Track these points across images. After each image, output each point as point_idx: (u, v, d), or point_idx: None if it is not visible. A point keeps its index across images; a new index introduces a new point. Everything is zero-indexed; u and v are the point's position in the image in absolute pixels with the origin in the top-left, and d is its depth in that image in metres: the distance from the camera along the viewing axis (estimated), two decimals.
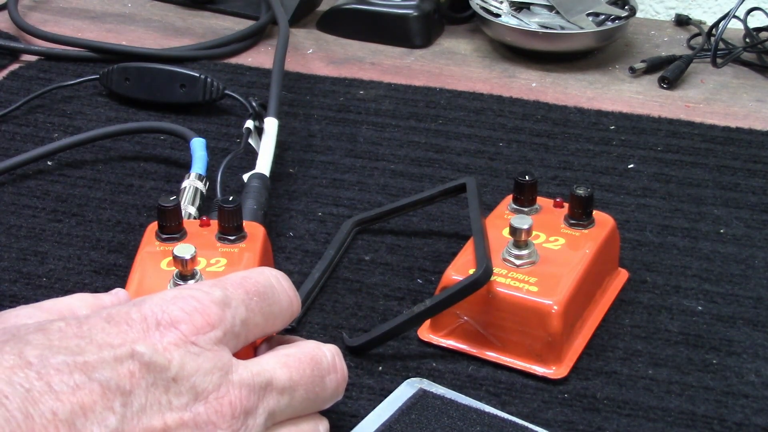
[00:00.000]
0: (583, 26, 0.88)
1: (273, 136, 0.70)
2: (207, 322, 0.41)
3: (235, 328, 0.42)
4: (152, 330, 0.39)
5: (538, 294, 0.52)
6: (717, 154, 0.73)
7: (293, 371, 0.43)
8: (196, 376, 0.39)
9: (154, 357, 0.38)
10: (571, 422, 0.50)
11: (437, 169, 0.72)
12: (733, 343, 0.55)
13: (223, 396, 0.40)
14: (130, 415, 0.37)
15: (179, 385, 0.39)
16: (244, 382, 0.41)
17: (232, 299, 0.42)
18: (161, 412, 0.38)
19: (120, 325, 0.39)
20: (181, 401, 0.39)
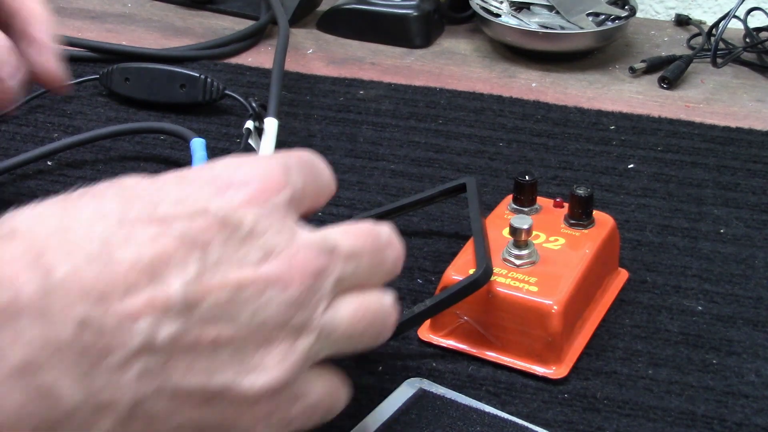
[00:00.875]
0: (583, 26, 0.88)
1: (273, 136, 0.70)
2: (275, 184, 0.41)
3: (296, 193, 0.42)
4: (224, 189, 0.39)
5: (538, 294, 0.52)
6: (717, 154, 0.73)
7: (356, 240, 0.43)
8: (267, 234, 0.39)
9: (227, 214, 0.38)
10: (571, 422, 0.50)
11: (437, 169, 0.72)
12: (733, 343, 0.55)
13: (294, 254, 0.39)
14: (207, 267, 0.37)
15: (252, 242, 0.39)
16: (313, 243, 0.40)
17: (292, 166, 0.43)
18: (236, 267, 0.38)
19: (192, 184, 0.40)
20: (255, 257, 0.38)
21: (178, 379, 0.36)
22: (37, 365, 0.33)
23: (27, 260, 0.34)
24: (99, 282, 0.35)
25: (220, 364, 0.37)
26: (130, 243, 0.36)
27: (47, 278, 0.34)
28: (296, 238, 0.40)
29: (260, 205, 0.40)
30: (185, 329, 0.36)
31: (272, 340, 0.38)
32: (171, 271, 0.36)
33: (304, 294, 0.39)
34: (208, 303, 0.37)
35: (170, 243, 0.37)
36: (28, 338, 0.33)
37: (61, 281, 0.34)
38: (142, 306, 0.35)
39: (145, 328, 0.35)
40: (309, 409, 0.41)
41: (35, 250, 0.34)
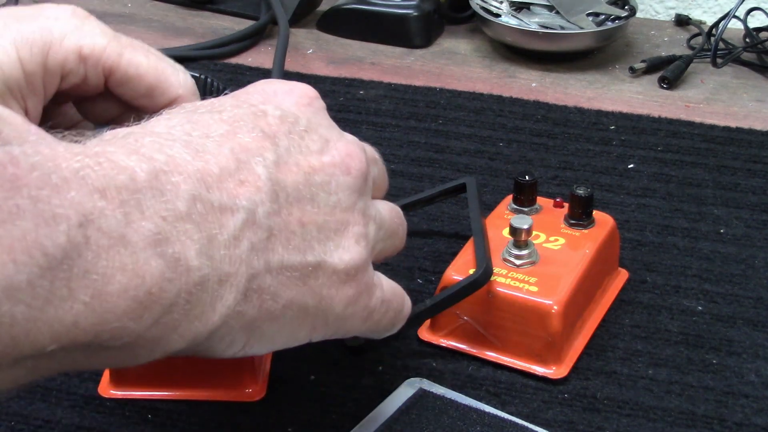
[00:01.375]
0: (583, 26, 0.88)
1: None
2: (311, 92, 0.46)
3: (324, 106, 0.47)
4: (272, 96, 0.45)
5: (538, 294, 0.52)
6: (717, 154, 0.73)
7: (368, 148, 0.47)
8: (321, 128, 0.44)
9: (284, 112, 0.43)
10: (571, 422, 0.50)
11: (437, 169, 0.72)
12: (733, 343, 0.55)
13: (345, 146, 0.44)
14: (280, 155, 0.41)
15: (310, 134, 0.43)
16: (355, 141, 0.45)
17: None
18: (303, 155, 0.42)
19: (241, 97, 0.44)
20: (316, 147, 0.43)
21: (280, 255, 0.40)
22: (165, 236, 0.35)
23: (128, 151, 0.37)
24: (194, 167, 0.38)
25: (310, 242, 0.41)
26: (209, 138, 0.40)
27: (152, 164, 0.37)
28: (342, 134, 0.45)
29: (307, 106, 0.45)
30: (277, 208, 0.40)
31: (347, 222, 0.42)
32: (252, 158, 0.40)
33: (360, 181, 0.43)
34: (289, 185, 0.41)
35: (244, 136, 0.41)
36: (153, 212, 0.36)
37: (163, 165, 0.37)
38: (237, 185, 0.39)
39: (246, 204, 0.38)
40: (384, 303, 0.45)
41: (132, 147, 0.37)
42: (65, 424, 0.50)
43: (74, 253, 0.32)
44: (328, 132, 0.44)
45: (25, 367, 0.33)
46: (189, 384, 0.51)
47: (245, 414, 0.50)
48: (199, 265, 0.36)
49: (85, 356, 0.35)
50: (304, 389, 0.52)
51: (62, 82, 0.49)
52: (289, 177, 0.41)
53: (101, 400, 0.51)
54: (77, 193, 0.33)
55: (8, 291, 0.31)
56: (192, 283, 0.36)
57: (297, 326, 0.41)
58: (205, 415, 0.50)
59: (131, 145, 0.37)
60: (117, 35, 0.49)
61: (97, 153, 0.36)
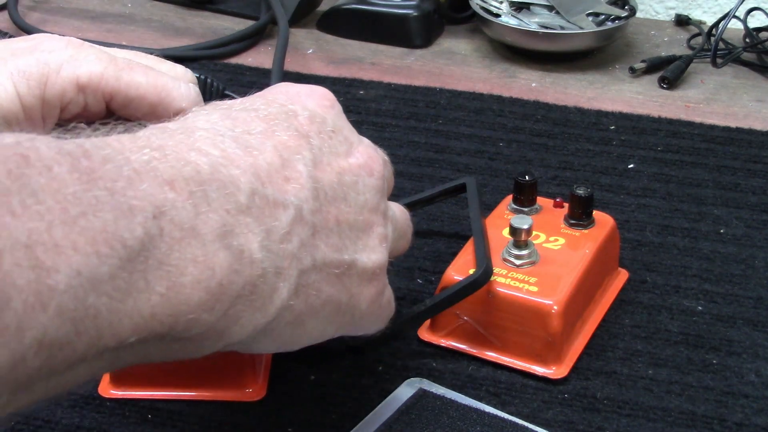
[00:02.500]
0: (583, 26, 0.88)
1: None
2: (330, 95, 0.47)
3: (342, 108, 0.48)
4: (296, 97, 0.46)
5: (538, 294, 0.52)
6: (717, 154, 0.73)
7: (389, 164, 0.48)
8: (345, 130, 0.45)
9: (312, 112, 0.44)
10: (571, 422, 0.50)
11: (437, 169, 0.72)
12: (733, 343, 0.55)
13: (366, 149, 0.45)
14: (315, 154, 0.42)
15: (337, 135, 0.44)
16: (371, 144, 0.46)
17: None
18: (335, 156, 0.43)
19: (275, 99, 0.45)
20: (342, 149, 0.44)
21: (323, 252, 0.41)
22: (230, 229, 0.36)
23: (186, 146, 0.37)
24: (247, 162, 0.39)
25: (344, 240, 0.42)
26: (251, 135, 0.40)
27: (210, 157, 0.37)
28: (360, 137, 0.46)
29: (329, 108, 0.46)
30: (318, 205, 0.41)
31: (372, 223, 0.44)
32: (293, 156, 0.41)
33: (381, 182, 0.45)
34: (326, 184, 0.42)
35: (282, 134, 0.41)
36: (218, 204, 0.36)
37: (220, 159, 0.38)
38: (284, 182, 0.40)
39: (294, 201, 0.39)
40: (389, 300, 0.46)
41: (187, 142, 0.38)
42: (65, 424, 0.50)
43: (150, 245, 0.33)
44: (350, 134, 0.45)
45: (106, 359, 0.34)
46: (189, 384, 0.51)
47: (245, 414, 0.50)
48: (262, 257, 0.37)
49: (158, 348, 0.35)
50: (304, 389, 0.52)
51: (63, 113, 0.49)
52: (326, 176, 0.42)
53: (101, 400, 0.51)
54: (149, 185, 0.34)
55: (93, 283, 0.31)
56: (255, 275, 0.37)
57: (330, 322, 0.43)
58: (205, 415, 0.50)
59: (185, 139, 0.38)
60: (113, 58, 0.49)
61: (161, 146, 0.36)
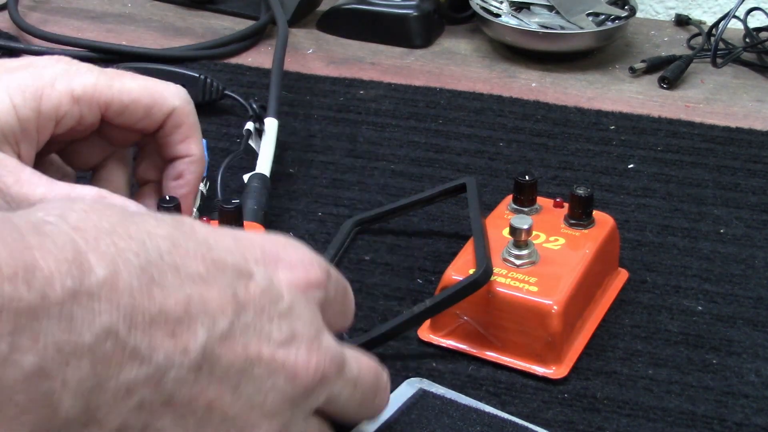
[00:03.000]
0: (583, 26, 0.88)
1: (273, 136, 0.70)
2: (316, 279, 0.41)
3: (328, 300, 0.42)
4: (273, 264, 0.40)
5: (538, 294, 0.52)
6: (717, 154, 0.73)
7: (363, 370, 0.43)
8: (299, 320, 0.39)
9: (272, 287, 0.39)
10: (571, 422, 0.50)
11: (437, 169, 0.72)
12: (733, 343, 0.55)
13: (313, 350, 0.39)
14: (236, 327, 0.37)
15: (283, 322, 0.39)
16: (330, 350, 0.41)
17: (332, 275, 0.43)
18: (259, 339, 0.38)
19: (246, 248, 0.40)
20: (280, 337, 0.39)
21: (164, 427, 0.36)
22: (47, 372, 0.32)
23: (68, 255, 0.33)
24: (134, 299, 0.34)
25: (205, 429, 0.37)
26: (177, 272, 0.36)
27: (82, 279, 0.33)
28: (320, 338, 0.40)
29: (300, 292, 0.40)
30: (193, 379, 0.36)
31: (257, 428, 0.38)
32: (202, 319, 0.36)
33: (300, 394, 0.39)
34: (222, 363, 0.37)
35: (213, 290, 0.37)
36: (46, 342, 0.32)
37: (95, 286, 0.33)
38: (166, 336, 0.35)
39: (160, 361, 0.35)
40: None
41: (80, 247, 0.34)
42: None
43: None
44: (305, 328, 0.40)
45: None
46: None
47: None
48: (72, 406, 0.33)
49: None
50: None
51: (57, 127, 0.49)
52: (228, 355, 0.37)
53: None
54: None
55: None
56: (55, 424, 0.33)
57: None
58: None
59: (77, 241, 0.34)
60: (102, 70, 0.49)
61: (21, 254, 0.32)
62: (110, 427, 0.34)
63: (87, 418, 0.34)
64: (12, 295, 0.31)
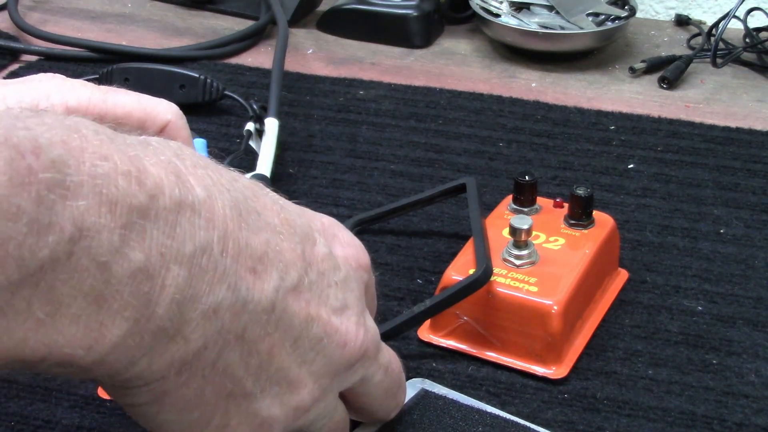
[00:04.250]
0: (583, 26, 0.88)
1: (274, 136, 0.70)
2: (366, 263, 0.45)
3: (369, 285, 0.45)
4: (331, 238, 0.43)
5: (538, 294, 0.52)
6: (717, 154, 0.73)
7: (393, 359, 0.46)
8: (351, 293, 0.42)
9: (331, 256, 0.42)
10: (571, 422, 0.50)
11: (437, 169, 0.72)
12: (733, 343, 0.55)
13: (360, 325, 0.42)
14: (303, 282, 0.39)
15: (339, 290, 0.41)
16: (372, 329, 0.43)
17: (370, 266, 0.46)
18: (320, 301, 0.40)
19: (310, 217, 0.42)
20: (336, 304, 0.41)
21: (230, 359, 0.37)
22: (150, 272, 0.33)
23: (169, 169, 0.35)
24: (227, 226, 0.36)
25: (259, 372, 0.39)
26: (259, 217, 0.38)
27: (186, 194, 0.35)
28: (365, 315, 0.43)
29: (354, 268, 0.43)
30: (263, 320, 0.38)
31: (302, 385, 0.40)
32: (278, 266, 0.38)
33: (346, 362, 0.41)
34: (288, 314, 0.39)
35: (286, 242, 0.39)
36: (151, 243, 0.33)
37: (197, 203, 0.35)
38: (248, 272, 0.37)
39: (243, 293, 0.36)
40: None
41: (180, 169, 0.35)
42: (65, 424, 0.50)
43: (50, 268, 0.31)
44: (355, 302, 0.42)
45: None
46: None
47: None
48: (164, 315, 0.34)
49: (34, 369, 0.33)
50: None
51: None
52: (294, 306, 0.39)
53: (101, 401, 0.51)
54: (86, 203, 0.31)
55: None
56: (149, 330, 0.34)
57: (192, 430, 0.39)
58: None
59: (177, 164, 0.35)
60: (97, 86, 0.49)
61: (131, 158, 0.33)
62: (193, 346, 0.36)
63: (175, 330, 0.35)
64: (127, 190, 0.32)
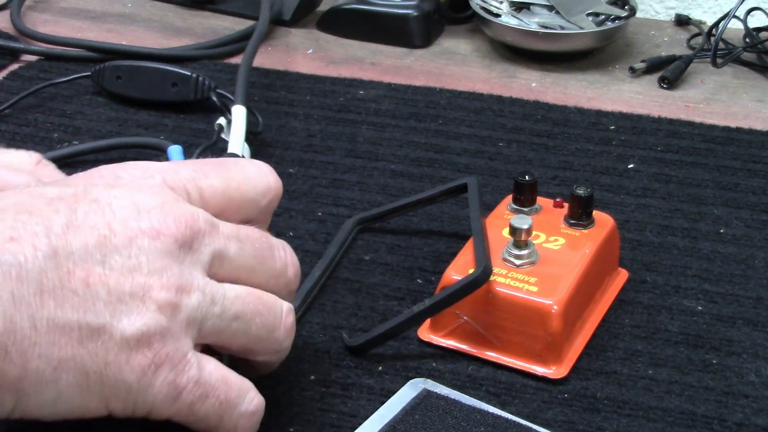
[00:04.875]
0: (583, 26, 0.88)
1: (242, 124, 0.70)
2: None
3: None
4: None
5: (538, 294, 0.52)
6: (717, 154, 0.73)
7: (242, 229, 0.44)
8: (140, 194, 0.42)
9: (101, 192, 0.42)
10: (571, 422, 0.50)
11: (437, 169, 0.72)
12: (733, 343, 0.55)
13: (168, 212, 0.42)
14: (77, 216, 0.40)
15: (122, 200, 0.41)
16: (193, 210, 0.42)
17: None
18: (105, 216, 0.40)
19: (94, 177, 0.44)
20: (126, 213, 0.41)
21: (51, 312, 0.38)
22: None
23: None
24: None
25: (94, 303, 0.39)
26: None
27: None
28: (174, 204, 0.42)
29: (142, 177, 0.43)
30: (55, 265, 0.38)
31: (148, 288, 0.40)
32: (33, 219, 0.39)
33: (173, 246, 0.41)
34: (77, 246, 0.39)
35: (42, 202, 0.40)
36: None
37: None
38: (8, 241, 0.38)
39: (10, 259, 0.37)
40: (201, 386, 0.41)
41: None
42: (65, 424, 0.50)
43: None
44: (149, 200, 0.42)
45: None
46: None
47: None
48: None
49: None
50: (304, 389, 0.52)
51: None
52: (78, 238, 0.39)
53: None
54: None
55: None
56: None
57: (81, 394, 0.39)
58: None
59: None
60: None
61: None
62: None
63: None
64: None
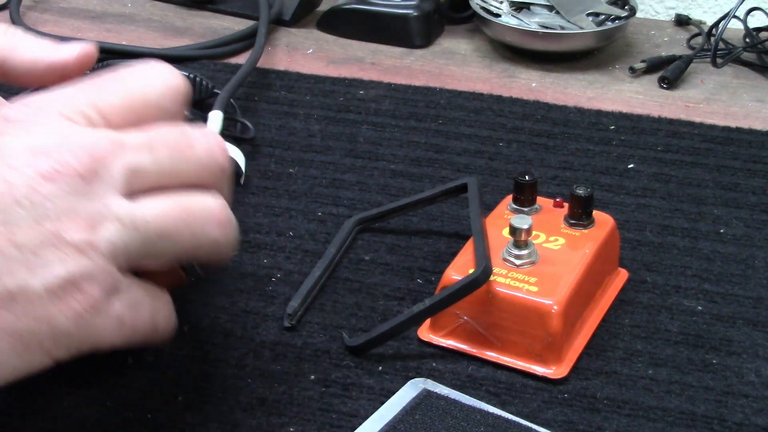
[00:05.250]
0: (583, 26, 0.88)
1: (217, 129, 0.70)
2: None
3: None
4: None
5: (538, 294, 0.52)
6: (717, 154, 0.73)
7: (151, 133, 0.42)
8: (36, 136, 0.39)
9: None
10: (571, 422, 0.50)
11: (437, 169, 0.72)
12: (733, 343, 0.55)
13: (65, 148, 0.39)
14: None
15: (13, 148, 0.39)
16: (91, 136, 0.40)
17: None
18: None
19: None
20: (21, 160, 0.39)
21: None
22: None
23: None
24: None
25: (9, 265, 0.37)
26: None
27: None
28: (71, 136, 0.40)
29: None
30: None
31: (62, 231, 0.38)
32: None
33: (76, 181, 0.38)
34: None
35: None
36: None
37: None
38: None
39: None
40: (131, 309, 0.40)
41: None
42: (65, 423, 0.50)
43: None
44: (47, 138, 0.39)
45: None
46: None
47: (245, 414, 0.50)
48: None
49: None
50: (304, 389, 0.52)
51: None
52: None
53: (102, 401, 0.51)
54: None
55: None
56: None
57: (20, 355, 0.38)
58: (205, 415, 0.50)
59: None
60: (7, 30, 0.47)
61: None
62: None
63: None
64: None
